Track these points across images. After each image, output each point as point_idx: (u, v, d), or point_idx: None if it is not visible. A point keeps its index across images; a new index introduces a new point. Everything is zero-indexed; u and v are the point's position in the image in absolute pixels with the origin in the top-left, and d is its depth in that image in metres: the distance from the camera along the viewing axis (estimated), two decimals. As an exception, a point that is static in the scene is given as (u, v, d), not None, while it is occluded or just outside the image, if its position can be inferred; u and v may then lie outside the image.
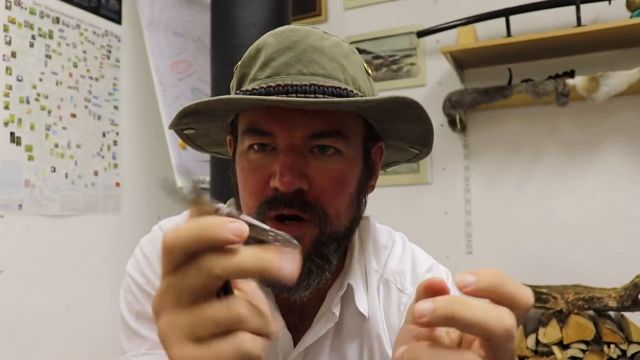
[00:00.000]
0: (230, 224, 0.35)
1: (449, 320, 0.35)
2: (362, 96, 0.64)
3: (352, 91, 0.62)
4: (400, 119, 0.64)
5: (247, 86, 0.63)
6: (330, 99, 0.56)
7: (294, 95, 0.58)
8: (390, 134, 0.70)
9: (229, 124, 0.70)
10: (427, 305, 0.35)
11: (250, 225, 0.38)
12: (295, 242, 0.40)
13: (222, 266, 0.34)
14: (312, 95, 0.58)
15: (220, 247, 0.34)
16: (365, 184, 0.68)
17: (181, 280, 0.35)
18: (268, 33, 0.65)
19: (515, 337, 0.36)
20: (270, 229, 0.40)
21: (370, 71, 0.70)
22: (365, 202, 0.69)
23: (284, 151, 0.60)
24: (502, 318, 0.35)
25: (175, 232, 0.35)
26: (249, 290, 0.39)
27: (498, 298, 0.36)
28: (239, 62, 0.68)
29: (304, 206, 0.60)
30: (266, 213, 0.61)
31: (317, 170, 0.60)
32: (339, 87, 0.60)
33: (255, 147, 0.62)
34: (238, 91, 0.65)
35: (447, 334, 0.39)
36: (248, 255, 0.34)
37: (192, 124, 0.68)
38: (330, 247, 0.62)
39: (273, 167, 0.60)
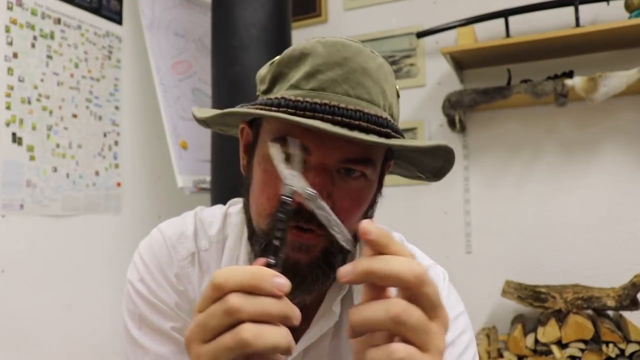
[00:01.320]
0: (276, 279, 0.41)
1: (368, 275, 0.41)
2: (395, 123, 0.64)
3: (390, 120, 0.62)
4: (427, 155, 0.66)
5: (287, 92, 0.62)
6: (383, 140, 0.57)
7: (340, 117, 0.58)
8: (407, 160, 0.71)
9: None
10: (347, 268, 0.41)
11: (324, 211, 0.49)
12: (351, 240, 0.49)
13: (248, 312, 0.40)
14: (357, 122, 0.58)
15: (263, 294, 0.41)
16: (375, 200, 0.69)
17: (208, 319, 0.41)
18: (317, 40, 0.63)
19: (430, 284, 0.41)
20: (340, 227, 0.49)
21: (399, 93, 0.70)
22: (373, 214, 0.70)
23: (315, 170, 0.60)
24: (412, 266, 0.41)
25: (227, 272, 0.41)
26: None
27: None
28: (277, 59, 0.66)
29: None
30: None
31: (341, 191, 0.62)
32: (381, 117, 0.60)
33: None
34: (279, 97, 0.62)
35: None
36: (273, 304, 0.41)
37: (226, 116, 0.68)
38: (338, 258, 0.63)
39: None
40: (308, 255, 0.61)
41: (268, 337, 0.40)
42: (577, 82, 1.95)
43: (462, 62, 2.26)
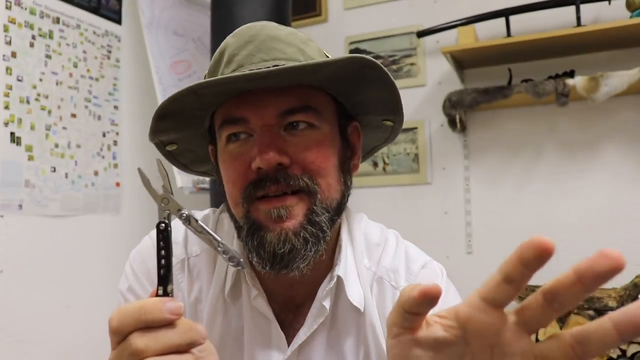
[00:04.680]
0: (167, 304, 0.43)
1: None
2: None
3: None
4: (364, 86, 0.65)
5: None
6: (292, 64, 0.58)
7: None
8: (360, 109, 0.71)
9: (207, 132, 0.70)
10: None
11: (205, 234, 0.48)
12: (242, 260, 0.49)
13: (153, 350, 0.42)
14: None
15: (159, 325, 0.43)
16: (348, 162, 0.69)
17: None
18: (228, 36, 0.68)
19: None
20: (221, 242, 0.48)
21: (329, 56, 0.71)
22: (351, 180, 0.70)
23: (259, 133, 0.61)
24: None
25: (120, 315, 0.44)
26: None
27: None
28: (207, 72, 0.70)
29: (290, 180, 0.61)
30: (252, 195, 0.62)
31: (295, 146, 0.62)
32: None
33: (232, 138, 0.63)
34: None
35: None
36: (174, 335, 0.43)
37: (170, 131, 0.68)
38: (323, 216, 0.62)
39: (252, 151, 0.61)
40: (291, 220, 0.61)
41: None
42: (578, 81, 1.94)
43: (462, 61, 2.25)
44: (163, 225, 0.47)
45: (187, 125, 0.68)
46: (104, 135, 2.17)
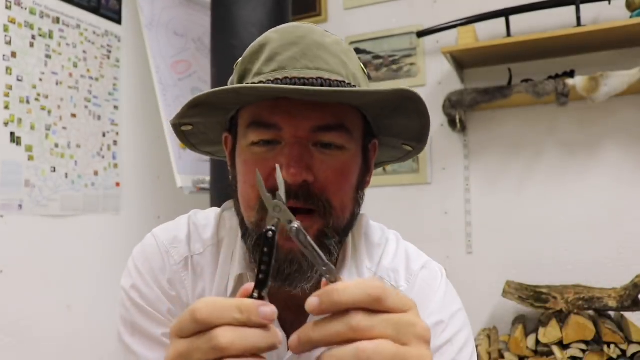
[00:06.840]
0: (263, 308, 0.41)
1: (331, 308, 0.41)
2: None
3: (354, 86, 0.63)
4: (399, 113, 0.64)
5: (252, 79, 0.63)
6: (342, 89, 0.56)
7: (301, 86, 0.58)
8: (385, 131, 0.71)
9: (229, 121, 0.70)
10: (314, 301, 0.41)
11: (311, 250, 0.46)
12: (341, 277, 0.46)
13: (237, 349, 0.39)
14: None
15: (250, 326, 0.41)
16: (363, 179, 0.69)
17: (193, 352, 0.40)
18: (270, 30, 0.66)
19: (389, 295, 0.41)
20: (325, 261, 0.46)
21: (367, 72, 0.70)
22: (363, 196, 0.70)
23: (290, 143, 0.60)
24: (366, 289, 0.41)
25: (211, 307, 0.41)
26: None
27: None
28: (240, 59, 0.68)
29: (311, 198, 0.60)
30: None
31: (322, 164, 0.61)
32: (344, 82, 0.61)
33: (259, 140, 0.62)
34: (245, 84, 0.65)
35: None
36: (261, 338, 0.40)
37: (196, 117, 0.67)
38: (333, 239, 0.63)
39: (277, 159, 0.60)
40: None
41: None
42: (578, 81, 1.94)
43: (462, 61, 2.25)
44: (271, 233, 0.46)
45: (213, 114, 0.67)
46: (104, 135, 2.17)
